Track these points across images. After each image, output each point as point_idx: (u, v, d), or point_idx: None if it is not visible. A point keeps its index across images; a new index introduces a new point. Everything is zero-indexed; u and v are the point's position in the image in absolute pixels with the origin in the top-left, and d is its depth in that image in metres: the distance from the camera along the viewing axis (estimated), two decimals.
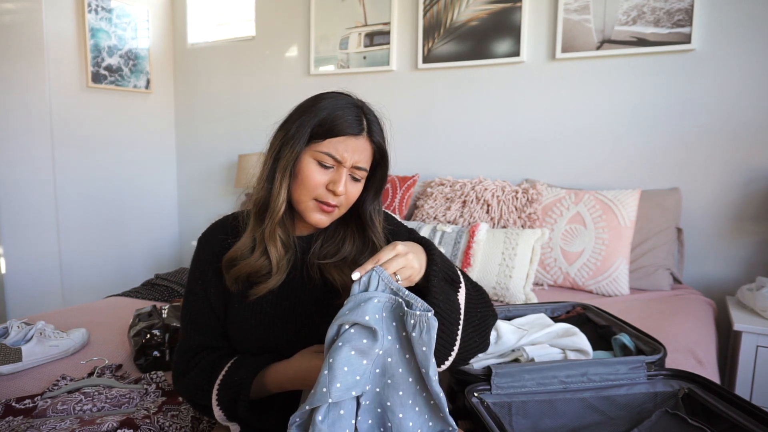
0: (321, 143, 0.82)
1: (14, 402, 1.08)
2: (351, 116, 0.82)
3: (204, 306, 0.89)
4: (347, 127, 0.81)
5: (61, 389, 1.12)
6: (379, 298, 0.68)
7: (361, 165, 0.84)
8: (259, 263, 0.85)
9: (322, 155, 0.82)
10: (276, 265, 0.86)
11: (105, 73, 2.89)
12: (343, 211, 0.87)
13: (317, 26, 2.78)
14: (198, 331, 0.89)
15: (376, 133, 0.85)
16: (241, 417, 0.82)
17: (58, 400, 1.05)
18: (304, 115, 0.84)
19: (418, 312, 0.66)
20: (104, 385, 1.14)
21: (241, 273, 0.86)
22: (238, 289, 0.87)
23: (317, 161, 0.82)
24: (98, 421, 0.93)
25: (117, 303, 1.81)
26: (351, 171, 0.84)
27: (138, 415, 0.99)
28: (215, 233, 0.92)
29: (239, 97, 3.11)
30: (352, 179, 0.85)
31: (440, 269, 0.76)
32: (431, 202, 2.24)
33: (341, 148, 0.82)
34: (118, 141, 3.03)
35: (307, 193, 0.83)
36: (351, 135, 0.82)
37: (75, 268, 2.83)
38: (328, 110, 0.82)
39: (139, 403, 1.08)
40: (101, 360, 1.33)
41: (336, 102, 0.84)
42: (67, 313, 1.70)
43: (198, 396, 0.85)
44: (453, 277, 0.80)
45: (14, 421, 1.00)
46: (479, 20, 2.37)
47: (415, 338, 0.66)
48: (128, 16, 2.99)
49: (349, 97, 0.86)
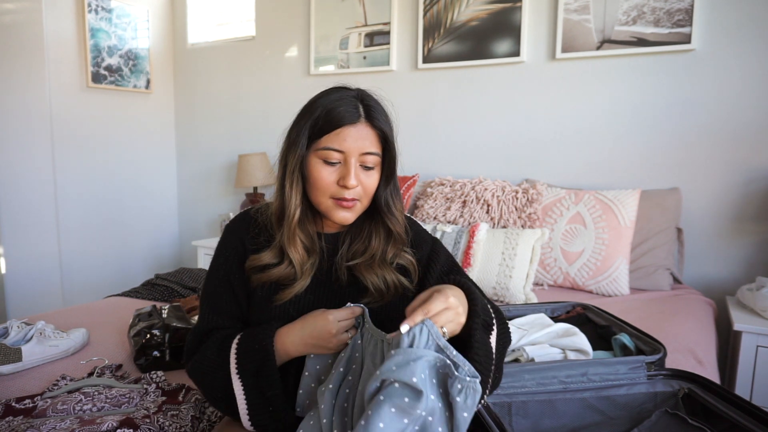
0: (321, 140, 0.82)
1: (14, 402, 1.08)
2: (345, 106, 0.81)
3: (225, 291, 0.89)
4: (342, 117, 0.80)
5: (61, 389, 1.12)
6: (428, 357, 0.64)
7: (369, 150, 0.81)
8: (286, 272, 0.85)
9: (325, 152, 0.81)
10: (299, 269, 0.85)
11: (105, 73, 2.89)
12: (365, 203, 0.86)
13: (317, 26, 2.78)
14: (216, 313, 0.88)
15: (377, 118, 0.83)
16: (269, 383, 0.78)
17: (58, 400, 1.05)
18: (303, 119, 0.84)
19: (468, 378, 0.63)
20: (104, 385, 1.14)
21: (267, 280, 0.85)
22: (262, 290, 0.87)
23: (322, 160, 0.82)
24: (98, 421, 0.93)
25: (117, 303, 1.81)
26: (360, 160, 0.82)
27: (138, 414, 0.99)
28: (242, 222, 0.92)
29: (239, 97, 3.11)
30: (363, 169, 0.83)
31: (482, 320, 0.73)
32: (431, 202, 2.24)
33: (341, 139, 0.80)
34: (118, 141, 3.03)
35: (322, 193, 0.83)
36: (348, 124, 0.80)
37: (75, 268, 2.83)
38: (322, 107, 0.82)
39: (139, 402, 1.08)
40: (101, 360, 1.33)
41: (330, 97, 0.83)
42: (67, 313, 1.70)
43: (209, 373, 0.83)
44: (489, 322, 0.76)
45: (14, 421, 1.00)
46: (479, 20, 2.37)
47: (460, 403, 0.63)
48: (128, 16, 2.99)
49: (344, 89, 0.85)
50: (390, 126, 0.85)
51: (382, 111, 0.85)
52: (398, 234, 0.89)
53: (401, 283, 0.89)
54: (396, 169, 0.88)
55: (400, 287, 0.89)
